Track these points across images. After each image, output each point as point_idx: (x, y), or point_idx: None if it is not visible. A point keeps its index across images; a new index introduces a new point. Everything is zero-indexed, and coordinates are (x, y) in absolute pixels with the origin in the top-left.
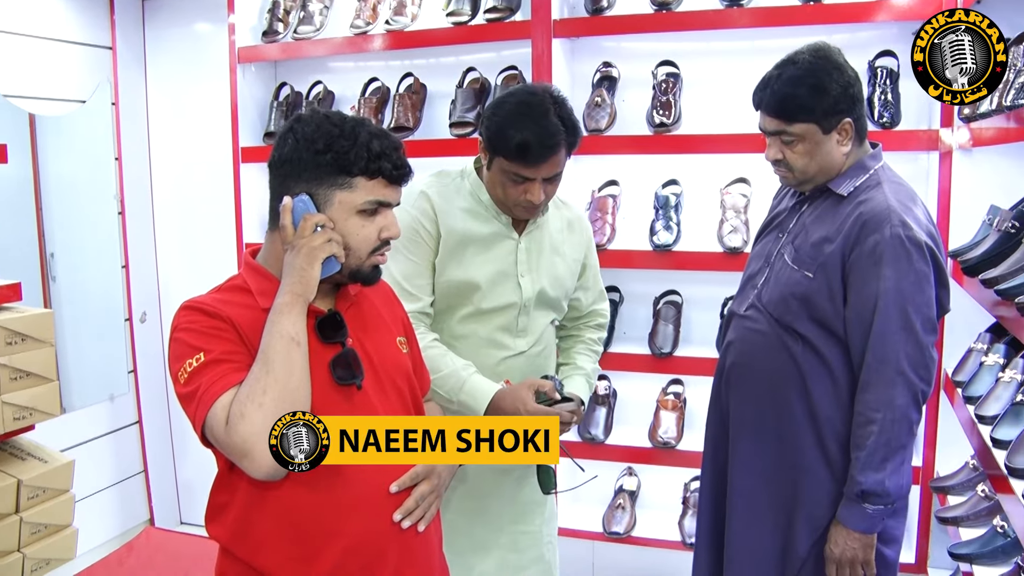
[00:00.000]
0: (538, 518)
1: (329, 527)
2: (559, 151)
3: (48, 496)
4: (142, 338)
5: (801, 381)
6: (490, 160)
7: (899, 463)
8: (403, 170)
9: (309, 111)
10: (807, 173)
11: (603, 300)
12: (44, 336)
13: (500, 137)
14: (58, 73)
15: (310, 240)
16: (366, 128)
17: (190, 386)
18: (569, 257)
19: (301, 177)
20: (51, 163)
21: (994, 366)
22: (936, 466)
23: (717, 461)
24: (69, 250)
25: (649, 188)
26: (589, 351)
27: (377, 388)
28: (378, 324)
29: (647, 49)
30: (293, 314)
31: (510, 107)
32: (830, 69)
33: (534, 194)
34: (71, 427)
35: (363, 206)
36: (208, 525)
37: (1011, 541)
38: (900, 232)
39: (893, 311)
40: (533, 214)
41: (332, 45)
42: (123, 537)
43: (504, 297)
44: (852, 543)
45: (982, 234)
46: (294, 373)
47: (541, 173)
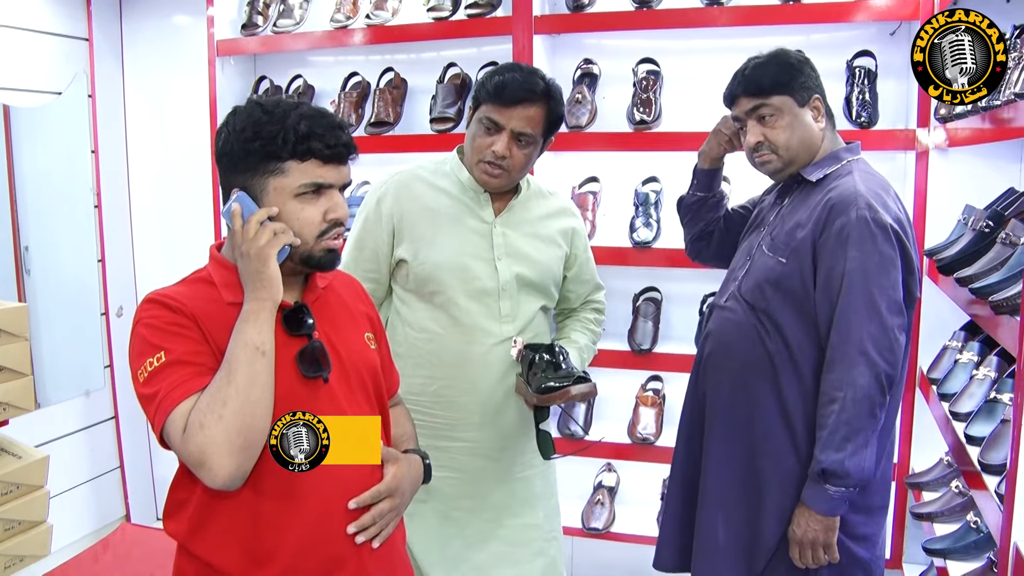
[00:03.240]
0: (540, 512)
1: (283, 531)
2: (535, 103)
3: (22, 492)
4: (118, 333)
5: (772, 370)
6: (472, 115)
7: (861, 444)
8: (338, 148)
9: (246, 102)
10: (790, 149)
11: (599, 291)
12: (18, 330)
13: (485, 81)
14: (33, 64)
15: (255, 240)
16: (298, 110)
17: (150, 387)
18: (552, 243)
19: (237, 169)
20: (25, 155)
21: (968, 364)
22: (911, 462)
23: (690, 449)
24: (44, 244)
25: (629, 185)
26: (585, 329)
27: (343, 383)
28: (345, 318)
29: (628, 46)
30: (259, 322)
31: (504, 64)
32: (791, 54)
33: (500, 144)
34: (46, 422)
35: (299, 190)
36: (166, 521)
37: (984, 536)
38: (866, 215)
39: (857, 291)
40: (496, 178)
41: (312, 39)
42: (98, 533)
43: (480, 281)
44: (814, 525)
45: (957, 233)
46: (256, 384)
47: (513, 119)
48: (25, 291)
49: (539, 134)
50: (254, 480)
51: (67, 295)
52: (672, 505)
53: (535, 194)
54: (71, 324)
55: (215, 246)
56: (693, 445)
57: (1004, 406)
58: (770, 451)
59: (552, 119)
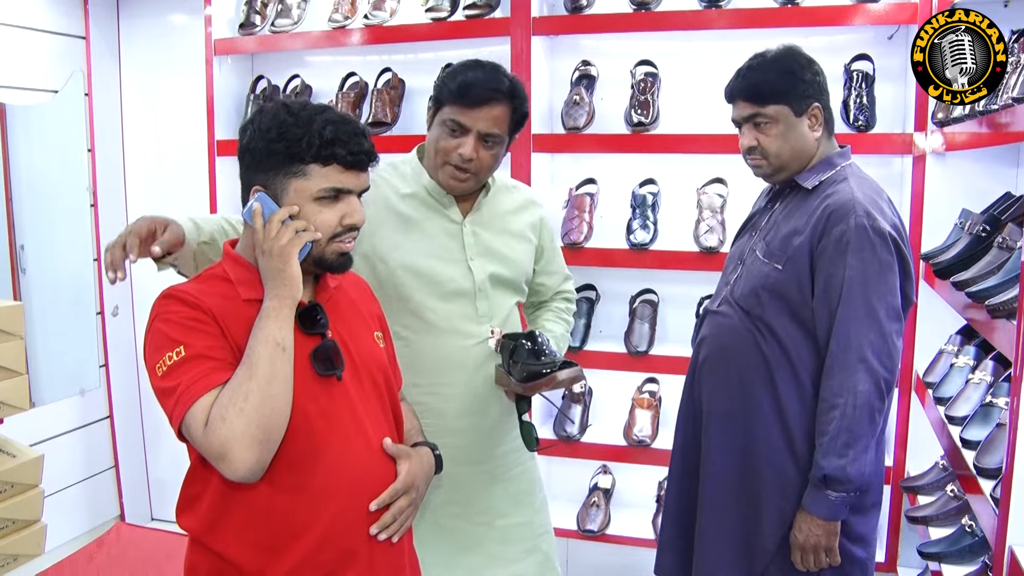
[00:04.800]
0: (529, 509)
1: (298, 525)
2: (501, 103)
3: (16, 491)
4: (114, 332)
5: (769, 375)
6: (433, 117)
7: (861, 450)
8: (359, 155)
9: (273, 102)
10: (781, 158)
11: (568, 281)
12: (13, 329)
13: (445, 82)
14: (30, 62)
15: (277, 240)
16: (324, 115)
17: (169, 381)
18: (523, 238)
19: (259, 168)
20: (22, 153)
21: (964, 368)
22: (907, 466)
23: (686, 454)
24: (40, 242)
25: (626, 187)
26: (558, 318)
27: (356, 380)
28: (356, 318)
29: (626, 48)
30: (280, 318)
31: (463, 62)
32: (798, 57)
33: (467, 147)
34: (40, 421)
35: (319, 193)
36: (179, 516)
37: (979, 540)
38: (865, 222)
39: (857, 299)
40: (464, 181)
41: (310, 39)
42: (93, 533)
43: (456, 283)
44: (815, 530)
45: (954, 237)
46: (277, 379)
47: (478, 121)
48: (21, 290)
49: (505, 133)
50: (270, 475)
51: (63, 294)
52: (671, 510)
53: (501, 188)
54: (66, 323)
55: (229, 243)
56: (689, 450)
57: (1000, 410)
58: (768, 455)
59: (517, 118)
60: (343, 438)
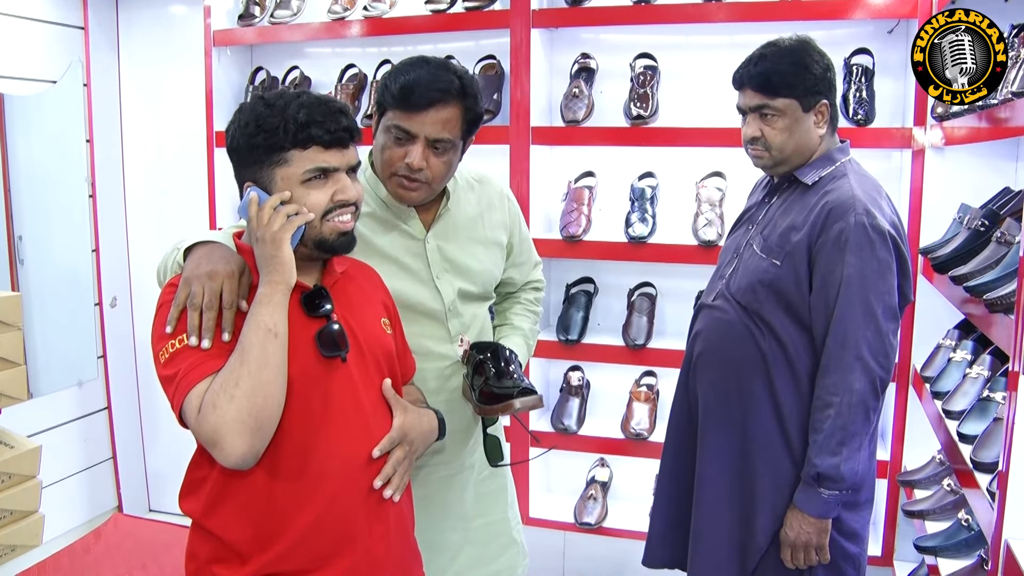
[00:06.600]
0: (501, 504)
1: (295, 511)
2: (449, 104)
3: (14, 482)
4: (112, 323)
5: (765, 370)
6: (377, 123)
7: (855, 448)
8: (338, 133)
9: (251, 97)
10: (784, 152)
11: (537, 268)
12: (11, 320)
13: (387, 84)
14: (28, 52)
15: (269, 226)
16: (298, 100)
17: (169, 368)
18: (491, 242)
19: (246, 163)
20: (20, 144)
21: (962, 362)
22: (903, 460)
23: (680, 448)
24: (38, 233)
25: (625, 180)
26: (526, 311)
27: (360, 364)
28: (363, 303)
29: (625, 41)
30: (272, 304)
31: (406, 59)
32: (812, 52)
33: (414, 156)
34: (39, 412)
35: (304, 176)
36: (182, 501)
37: (975, 534)
38: (864, 220)
39: (855, 298)
40: (415, 191)
41: (309, 30)
42: (90, 524)
43: (424, 305)
44: (807, 527)
45: (952, 232)
46: (268, 365)
47: (426, 125)
48: (18, 281)
49: (457, 137)
50: (268, 461)
51: (61, 285)
52: (661, 502)
53: (464, 188)
54: (65, 314)
55: (236, 234)
56: (683, 444)
57: (997, 404)
58: (763, 450)
59: (471, 118)
60: (343, 422)
